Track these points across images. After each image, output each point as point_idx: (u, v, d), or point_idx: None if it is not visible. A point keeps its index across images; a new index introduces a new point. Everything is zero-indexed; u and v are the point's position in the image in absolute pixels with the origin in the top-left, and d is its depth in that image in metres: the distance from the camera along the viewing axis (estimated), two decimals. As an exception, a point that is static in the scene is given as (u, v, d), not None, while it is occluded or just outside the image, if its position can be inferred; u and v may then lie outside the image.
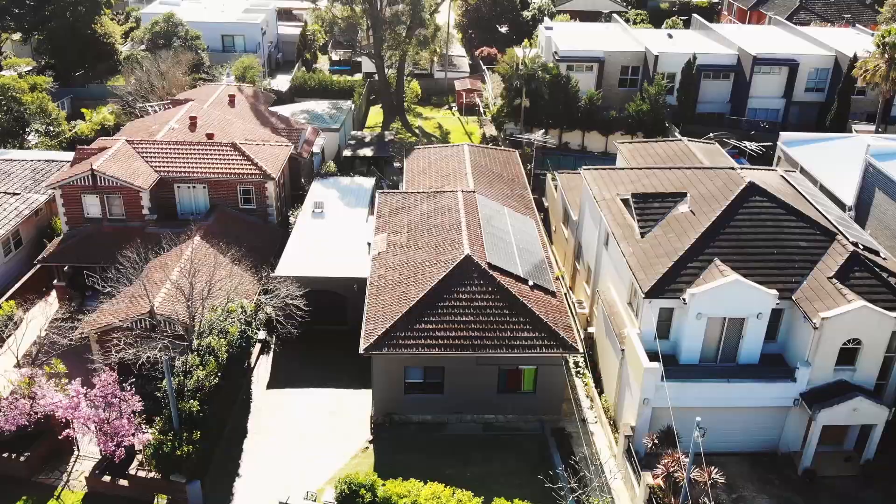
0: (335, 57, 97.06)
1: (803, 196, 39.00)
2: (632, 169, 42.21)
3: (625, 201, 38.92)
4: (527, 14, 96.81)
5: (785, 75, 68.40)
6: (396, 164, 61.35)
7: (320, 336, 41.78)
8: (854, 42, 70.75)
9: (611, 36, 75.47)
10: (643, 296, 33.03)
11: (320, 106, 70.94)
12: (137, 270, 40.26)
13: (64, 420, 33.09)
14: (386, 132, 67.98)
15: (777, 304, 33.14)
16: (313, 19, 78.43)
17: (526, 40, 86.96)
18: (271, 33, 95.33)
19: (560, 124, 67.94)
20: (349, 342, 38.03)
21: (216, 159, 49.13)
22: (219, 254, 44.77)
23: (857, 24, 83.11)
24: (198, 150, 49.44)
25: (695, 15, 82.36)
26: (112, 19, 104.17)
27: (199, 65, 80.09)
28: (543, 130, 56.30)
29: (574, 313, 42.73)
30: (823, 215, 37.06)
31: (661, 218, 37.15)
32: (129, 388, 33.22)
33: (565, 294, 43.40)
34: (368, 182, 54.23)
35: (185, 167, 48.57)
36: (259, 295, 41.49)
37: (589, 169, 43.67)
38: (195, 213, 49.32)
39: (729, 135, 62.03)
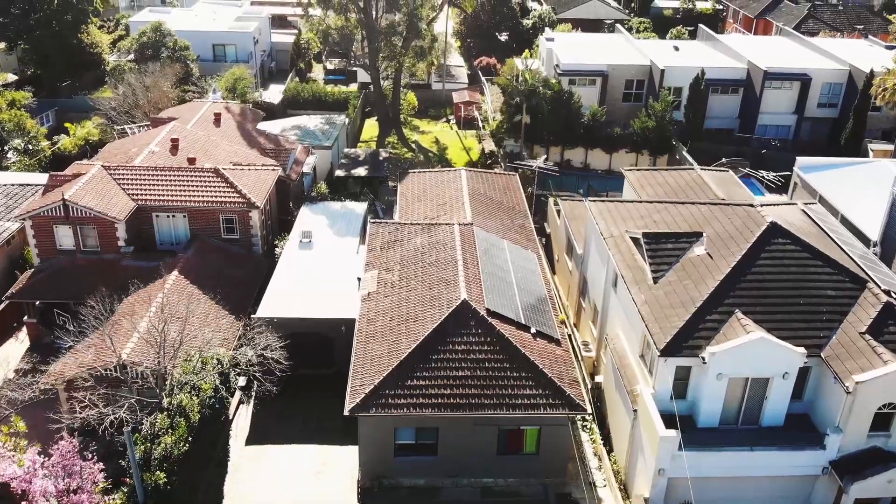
0: (330, 66, 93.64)
1: (827, 234, 35.63)
2: (641, 202, 38.81)
3: (635, 240, 35.55)
4: (527, 22, 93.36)
5: (797, 90, 65.00)
6: (391, 184, 57.94)
7: (305, 380, 38.42)
8: (868, 55, 67.39)
9: (614, 48, 72.04)
10: (658, 354, 29.67)
11: (312, 121, 67.55)
12: (106, 315, 36.98)
13: (19, 491, 29.70)
14: (381, 150, 64.58)
15: (805, 362, 29.83)
16: (307, 28, 75.11)
17: (526, 51, 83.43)
18: (264, 42, 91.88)
19: (562, 141, 64.57)
20: (336, 387, 34.70)
21: (197, 186, 45.76)
22: (198, 290, 41.61)
23: (869, 36, 79.57)
24: (178, 176, 46.07)
25: (701, 26, 78.90)
26: (101, 27, 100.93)
27: (188, 76, 76.72)
28: (545, 157, 52.89)
29: (580, 356, 39.36)
30: (851, 257, 33.72)
31: (675, 261, 33.78)
32: (91, 455, 29.82)
33: (570, 335, 40.04)
34: (360, 207, 50.83)
35: (163, 195, 45.22)
36: (240, 338, 38.16)
37: (595, 201, 40.30)
38: (175, 243, 46.04)
39: (743, 161, 58.61)
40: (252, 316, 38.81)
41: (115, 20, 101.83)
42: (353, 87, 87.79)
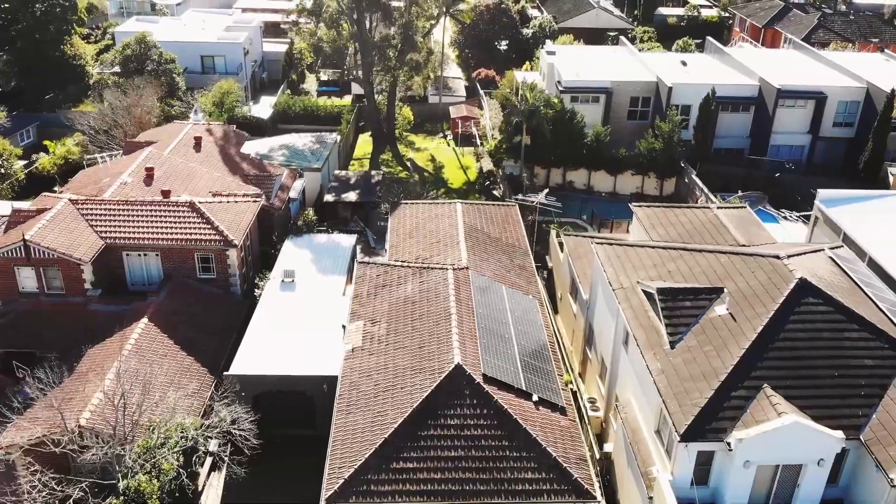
0: (323, 77, 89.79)
1: (860, 287, 31.78)
2: (653, 248, 34.93)
3: (648, 295, 31.71)
4: (527, 32, 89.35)
5: (811, 109, 61.11)
6: (383, 212, 54.09)
7: (283, 443, 34.58)
8: (885, 71, 63.57)
9: (619, 63, 68.12)
10: (677, 438, 25.84)
11: (302, 140, 63.61)
12: (64, 371, 33.36)
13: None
14: (373, 172, 60.65)
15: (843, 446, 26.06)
16: (299, 39, 71.27)
17: (527, 63, 79.79)
18: (255, 52, 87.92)
19: (564, 163, 60.72)
20: (317, 451, 30.86)
21: (171, 222, 41.92)
22: (168, 340, 37.84)
23: (885, 50, 75.55)
24: (150, 211, 42.23)
25: (709, 39, 74.90)
26: (88, 35, 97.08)
27: (174, 90, 72.88)
28: (546, 191, 49.01)
29: (586, 416, 35.54)
30: (888, 317, 29.90)
31: (693, 322, 29.95)
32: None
33: (574, 391, 36.21)
34: (348, 241, 46.97)
35: (134, 233, 41.38)
36: (212, 397, 34.37)
37: (601, 243, 36.44)
38: (147, 284, 42.24)
39: (762, 196, 54.80)
40: (225, 374, 34.97)
41: (102, 29, 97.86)
42: (348, 98, 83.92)
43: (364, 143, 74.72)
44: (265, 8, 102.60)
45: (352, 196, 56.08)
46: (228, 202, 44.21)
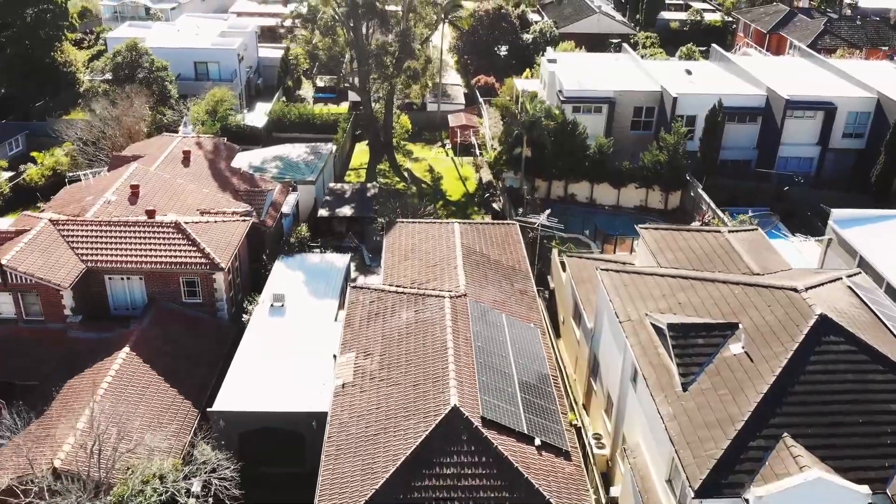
0: (320, 83, 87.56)
1: (882, 322, 29.65)
2: (662, 276, 32.81)
3: (657, 329, 29.62)
4: (527, 37, 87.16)
5: (820, 120, 59.01)
6: (379, 225, 52.05)
7: (271, 482, 32.55)
8: (895, 79, 61.39)
9: (622, 72, 65.99)
10: (691, 494, 23.76)
11: (296, 151, 61.49)
12: (34, 412, 31.38)
13: None
14: (369, 185, 58.56)
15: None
16: (294, 45, 69.20)
17: (527, 71, 77.70)
18: (250, 57, 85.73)
19: (566, 175, 58.61)
20: (308, 488, 28.79)
21: (155, 244, 39.83)
22: (150, 371, 35.81)
23: (895, 57, 73.44)
24: (134, 232, 40.13)
25: (714, 46, 72.77)
26: (81, 40, 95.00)
27: (166, 98, 70.73)
28: (548, 211, 46.83)
29: (591, 454, 33.46)
30: (914, 354, 27.79)
31: (707, 361, 27.85)
32: None
33: (578, 427, 34.13)
34: (342, 261, 44.85)
35: (117, 255, 39.30)
36: (196, 433, 32.34)
37: (608, 270, 34.32)
38: (130, 308, 40.19)
39: (773, 215, 52.71)
40: (208, 409, 32.90)
41: (95, 33, 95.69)
42: (345, 105, 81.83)
43: (361, 153, 72.63)
44: (261, 12, 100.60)
45: (347, 211, 54.04)
46: (216, 222, 42.09)
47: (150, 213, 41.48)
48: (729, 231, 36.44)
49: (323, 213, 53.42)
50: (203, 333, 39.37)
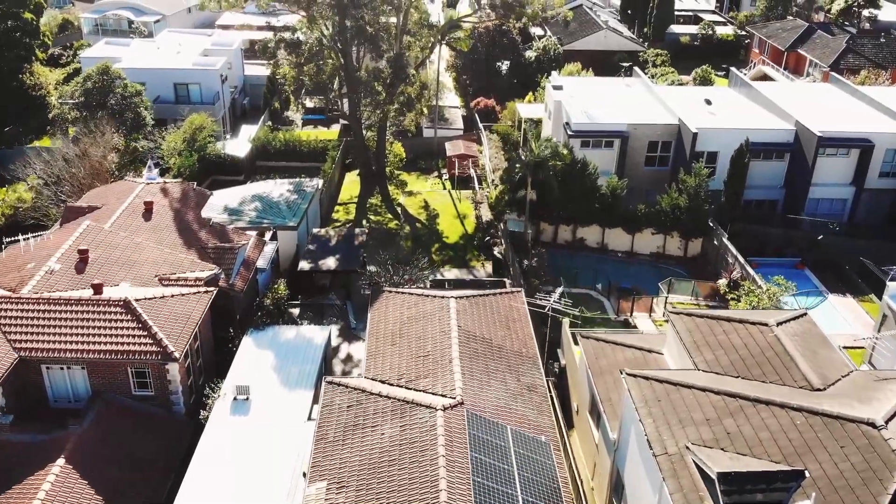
0: (309, 104, 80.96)
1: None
2: (703, 391, 26.33)
3: (703, 474, 23.19)
4: (530, 55, 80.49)
5: (855, 158, 52.55)
6: (364, 278, 45.67)
7: None
8: (936, 111, 54.93)
9: (634, 101, 59.44)
10: None
11: (278, 189, 54.97)
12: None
13: None
14: (356, 230, 52.01)
15: None
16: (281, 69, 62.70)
17: (530, 94, 71.08)
18: (236, 76, 79.30)
19: (574, 218, 52.10)
20: None
21: (100, 328, 33.50)
22: (88, 489, 29.43)
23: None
24: (76, 313, 33.82)
25: (733, 70, 66.11)
26: (59, 55, 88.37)
27: (140, 125, 64.23)
28: (561, 288, 40.16)
29: None
30: None
31: (767, 526, 21.48)
32: None
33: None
34: (320, 336, 38.34)
35: (56, 342, 33.08)
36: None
37: (634, 375, 27.86)
38: (73, 400, 33.92)
39: (807, 271, 46.37)
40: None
41: (74, 49, 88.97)
42: (335, 128, 75.35)
43: (351, 184, 66.16)
44: (250, 25, 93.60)
45: (331, 263, 47.53)
46: (173, 296, 35.63)
47: (97, 288, 35.04)
48: (777, 324, 29.87)
49: (304, 266, 46.93)
50: (155, 433, 33.06)
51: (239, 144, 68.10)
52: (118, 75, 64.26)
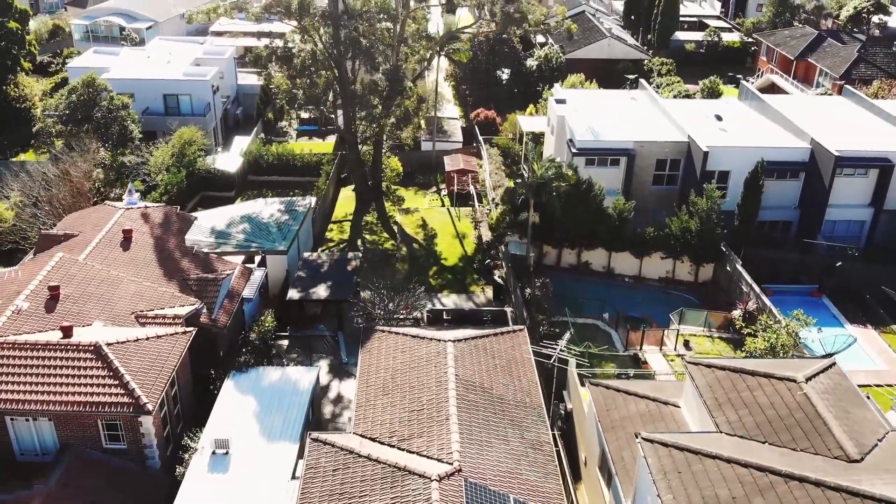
0: (304, 115, 77.94)
1: None
2: (728, 462, 23.45)
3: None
4: (531, 63, 77.59)
5: (874, 178, 49.62)
6: (357, 308, 42.80)
7: None
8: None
9: (641, 115, 56.53)
10: None
11: (268, 209, 52.05)
12: None
13: None
14: (350, 255, 49.09)
15: None
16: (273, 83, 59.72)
17: (531, 106, 68.22)
18: (228, 85, 76.45)
19: (579, 241, 49.22)
20: None
21: (68, 376, 30.72)
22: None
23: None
24: (43, 359, 30.98)
25: (743, 83, 63.20)
26: (49, 62, 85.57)
27: (127, 139, 61.38)
28: (569, 333, 37.14)
29: None
30: None
31: None
32: None
33: None
34: (307, 379, 35.41)
35: (20, 392, 30.21)
36: None
37: (652, 441, 25.00)
38: (41, 454, 31.12)
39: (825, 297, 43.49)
40: None
41: (63, 56, 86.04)
42: (330, 140, 72.50)
43: (346, 200, 63.25)
44: (245, 31, 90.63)
45: (321, 291, 44.65)
46: (148, 339, 32.76)
47: (66, 331, 32.16)
48: (806, 379, 26.96)
49: (293, 295, 44.05)
50: (128, 490, 30.19)
51: (230, 158, 65.19)
52: (104, 87, 61.41)
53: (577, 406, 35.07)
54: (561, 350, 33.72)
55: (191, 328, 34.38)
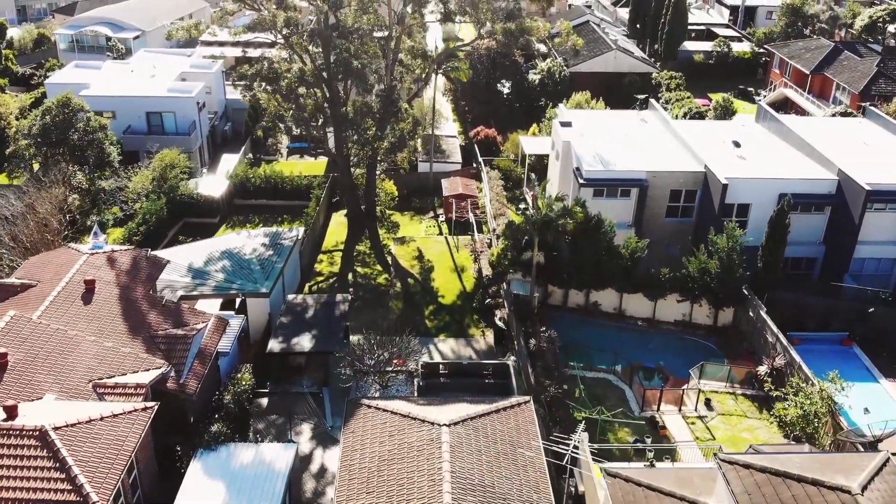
0: (295, 131, 73.43)
1: None
2: None
3: None
4: (533, 77, 73.19)
5: (906, 213, 45.33)
6: (345, 363, 38.54)
7: None
8: None
9: (652, 141, 52.22)
10: None
11: (252, 242, 47.79)
12: None
13: None
14: (338, 296, 44.72)
15: None
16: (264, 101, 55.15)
17: (534, 126, 63.89)
18: (216, 101, 72.19)
19: (587, 283, 44.95)
20: None
21: (9, 467, 26.43)
22: None
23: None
24: (-24, 448, 26.59)
25: (761, 103, 58.97)
26: (31, 74, 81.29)
27: (105, 162, 57.19)
28: (582, 427, 32.32)
29: None
30: None
31: None
32: None
33: None
34: (283, 459, 31.05)
35: (-53, 487, 25.80)
36: None
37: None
38: (-22, 554, 26.72)
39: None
40: None
41: (45, 68, 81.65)
42: (323, 158, 68.12)
43: (338, 227, 58.97)
44: (234, 41, 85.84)
45: (305, 342, 40.35)
46: (103, 419, 28.46)
47: (10, 412, 27.86)
48: (862, 489, 22.68)
49: (274, 347, 39.79)
50: None
51: (215, 181, 60.90)
52: (81, 107, 57.11)
53: (589, 490, 30.78)
54: (575, 446, 29.26)
55: (152, 403, 30.08)
